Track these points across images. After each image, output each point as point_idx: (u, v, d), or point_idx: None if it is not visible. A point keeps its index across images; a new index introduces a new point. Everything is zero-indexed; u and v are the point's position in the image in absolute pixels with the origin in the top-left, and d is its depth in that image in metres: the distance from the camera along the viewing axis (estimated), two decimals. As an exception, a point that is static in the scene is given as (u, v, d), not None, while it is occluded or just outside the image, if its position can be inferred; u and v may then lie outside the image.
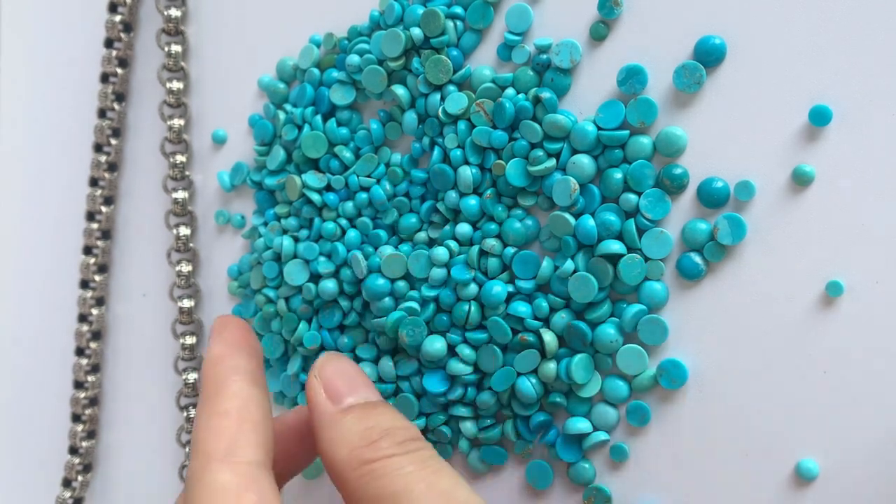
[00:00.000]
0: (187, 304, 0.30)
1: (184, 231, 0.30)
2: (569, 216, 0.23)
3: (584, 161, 0.23)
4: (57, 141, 0.32)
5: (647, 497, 0.24)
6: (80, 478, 0.32)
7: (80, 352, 0.31)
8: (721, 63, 0.22)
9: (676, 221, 0.23)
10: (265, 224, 0.28)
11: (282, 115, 0.27)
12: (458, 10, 0.24)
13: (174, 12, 0.29)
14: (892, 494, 0.21)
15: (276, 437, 0.21)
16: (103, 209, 0.31)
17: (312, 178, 0.26)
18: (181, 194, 0.30)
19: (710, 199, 0.22)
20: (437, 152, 0.25)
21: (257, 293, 0.28)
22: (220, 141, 0.30)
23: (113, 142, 0.31)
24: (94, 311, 0.31)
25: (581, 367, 0.23)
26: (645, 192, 0.23)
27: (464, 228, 0.24)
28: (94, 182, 0.31)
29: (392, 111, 0.26)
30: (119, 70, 0.30)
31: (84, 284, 0.31)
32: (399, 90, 0.25)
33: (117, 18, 0.30)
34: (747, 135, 0.22)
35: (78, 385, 0.31)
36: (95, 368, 0.31)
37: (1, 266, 0.33)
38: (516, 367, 0.24)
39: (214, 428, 0.20)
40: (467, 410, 0.25)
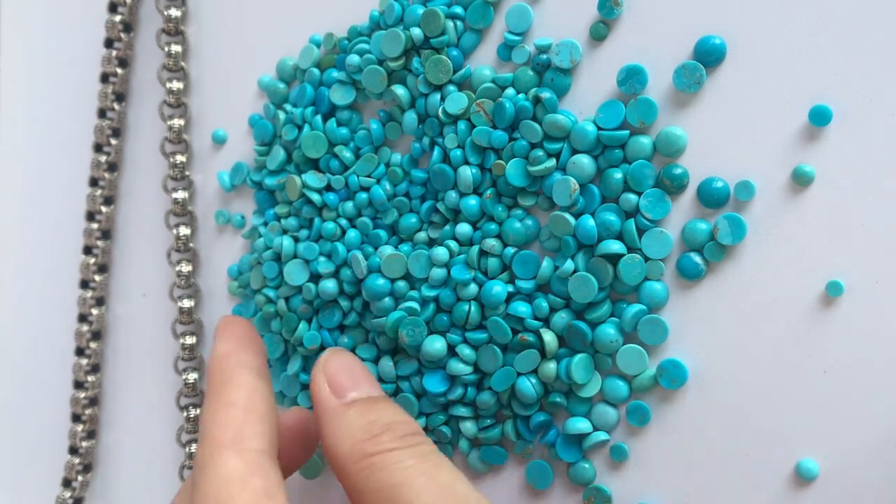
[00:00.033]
0: (187, 304, 0.30)
1: (184, 231, 0.30)
2: (569, 216, 0.23)
3: (584, 161, 0.23)
4: (57, 141, 0.32)
5: (647, 497, 0.24)
6: (80, 478, 0.32)
7: (80, 352, 0.31)
8: (721, 63, 0.22)
9: (676, 221, 0.23)
10: (265, 224, 0.28)
11: (282, 115, 0.27)
12: (458, 10, 0.24)
13: (174, 12, 0.29)
14: (892, 494, 0.21)
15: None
16: (103, 209, 0.31)
17: (312, 178, 0.26)
18: (181, 194, 0.30)
19: (710, 199, 0.22)
20: (437, 152, 0.25)
21: (257, 293, 0.28)
22: (220, 141, 0.30)
23: (113, 142, 0.31)
24: (94, 311, 0.31)
25: (581, 367, 0.23)
26: (645, 192, 0.23)
27: (464, 228, 0.24)
28: (94, 182, 0.31)
29: (392, 111, 0.26)
30: (119, 70, 0.30)
31: (84, 284, 0.31)
32: (399, 90, 0.25)
33: (117, 18, 0.30)
34: (747, 135, 0.22)
35: (78, 385, 0.31)
36: (95, 368, 0.31)
37: (1, 266, 0.33)
38: (516, 367, 0.24)
39: (222, 418, 0.21)
40: (467, 410, 0.25)
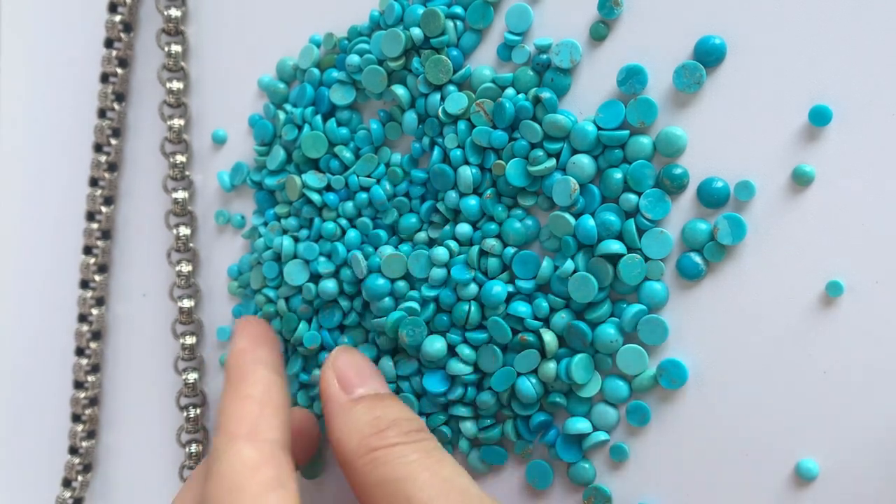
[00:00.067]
0: (187, 304, 0.30)
1: (184, 231, 0.30)
2: (569, 216, 0.23)
3: (584, 161, 0.23)
4: (57, 141, 0.32)
5: (647, 497, 0.24)
6: (80, 478, 0.32)
7: (80, 352, 0.31)
8: (721, 63, 0.22)
9: (676, 221, 0.23)
10: (265, 224, 0.28)
11: (282, 115, 0.27)
12: (458, 10, 0.24)
13: (174, 12, 0.29)
14: (892, 494, 0.21)
15: None
16: (103, 209, 0.31)
17: (312, 178, 0.26)
18: (181, 194, 0.30)
19: (710, 199, 0.22)
20: (437, 152, 0.25)
21: (257, 293, 0.28)
22: (220, 141, 0.30)
23: (113, 142, 0.31)
24: (94, 311, 0.31)
25: (581, 367, 0.23)
26: (645, 192, 0.23)
27: (464, 228, 0.24)
28: (94, 182, 0.31)
29: (392, 111, 0.26)
30: (119, 70, 0.30)
31: (84, 284, 0.31)
32: (399, 90, 0.25)
33: (117, 18, 0.30)
34: (747, 135, 0.22)
35: (78, 385, 0.31)
36: (95, 368, 0.31)
37: (1, 266, 0.33)
38: (516, 367, 0.24)
39: (238, 410, 0.22)
40: (467, 410, 0.25)
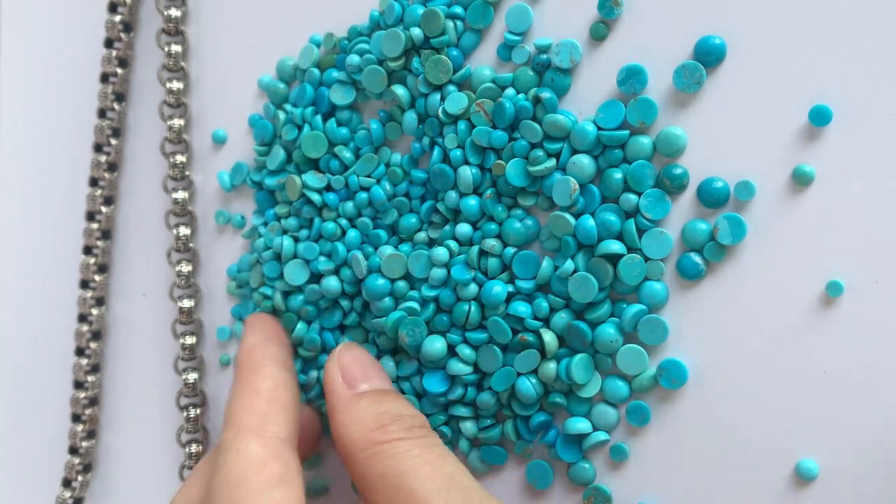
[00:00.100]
0: (187, 304, 0.30)
1: (184, 231, 0.30)
2: (569, 216, 0.23)
3: (584, 161, 0.23)
4: (57, 141, 0.32)
5: (647, 497, 0.24)
6: (80, 478, 0.32)
7: (80, 352, 0.31)
8: (721, 63, 0.22)
9: (676, 221, 0.23)
10: (265, 224, 0.28)
11: (282, 115, 0.27)
12: (458, 10, 0.24)
13: (174, 12, 0.29)
14: (892, 494, 0.21)
15: None
16: (103, 209, 0.31)
17: (312, 178, 0.26)
18: (181, 194, 0.30)
19: (710, 199, 0.22)
20: (437, 152, 0.25)
21: (255, 291, 0.28)
22: (220, 141, 0.30)
23: (113, 142, 0.31)
24: (94, 311, 0.31)
25: (581, 367, 0.23)
26: (645, 192, 0.23)
27: (464, 228, 0.24)
28: (94, 182, 0.31)
29: (392, 111, 0.26)
30: (119, 70, 0.30)
31: (84, 284, 0.31)
32: (399, 90, 0.25)
33: (117, 18, 0.30)
34: (747, 135, 0.22)
35: (78, 385, 0.31)
36: (95, 368, 0.31)
37: (1, 266, 0.33)
38: (516, 367, 0.24)
39: (247, 405, 0.22)
40: (467, 410, 0.25)
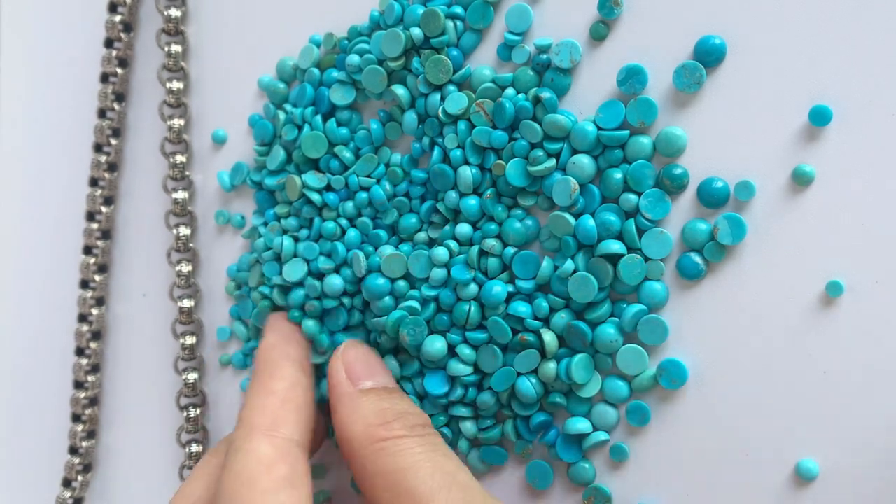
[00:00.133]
0: (187, 304, 0.30)
1: (184, 231, 0.30)
2: (569, 216, 0.23)
3: (584, 161, 0.23)
4: (57, 141, 0.32)
5: (647, 497, 0.24)
6: (80, 478, 0.32)
7: (80, 352, 0.31)
8: (721, 63, 0.22)
9: (676, 221, 0.23)
10: (265, 224, 0.28)
11: (282, 115, 0.27)
12: (458, 10, 0.24)
13: (174, 12, 0.29)
14: (892, 494, 0.21)
15: None
16: (103, 209, 0.31)
17: (312, 178, 0.26)
18: (181, 194, 0.30)
19: (710, 199, 0.22)
20: (437, 152, 0.25)
21: (253, 290, 0.28)
22: (220, 141, 0.30)
23: (113, 142, 0.31)
24: (94, 311, 0.31)
25: (581, 367, 0.23)
26: (645, 192, 0.23)
27: (464, 228, 0.24)
28: (94, 182, 0.31)
29: (392, 111, 0.26)
30: (119, 70, 0.30)
31: (84, 284, 0.31)
32: (399, 90, 0.25)
33: (117, 18, 0.30)
34: (747, 135, 0.22)
35: (78, 385, 0.31)
36: (95, 368, 0.31)
37: (1, 266, 0.33)
38: (516, 367, 0.24)
39: (261, 405, 0.22)
40: (467, 410, 0.25)
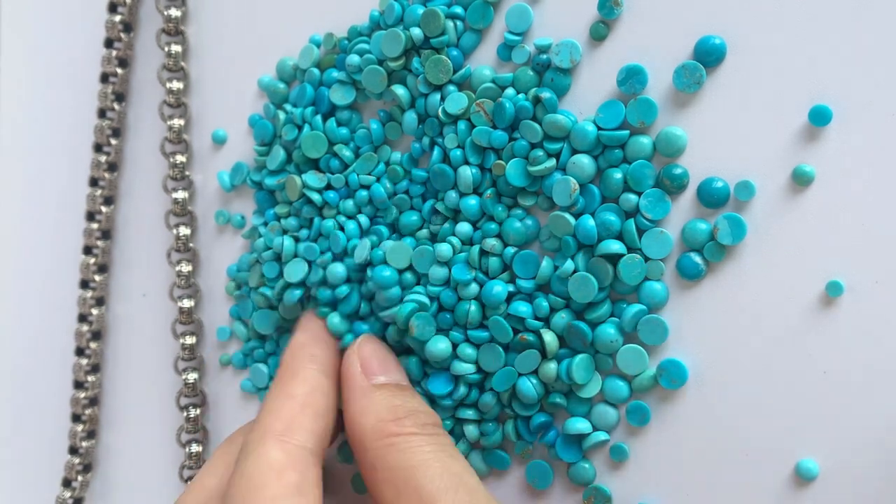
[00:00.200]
0: (187, 304, 0.30)
1: (184, 231, 0.30)
2: (569, 216, 0.23)
3: (584, 161, 0.23)
4: (57, 141, 0.32)
5: (647, 497, 0.24)
6: (80, 478, 0.32)
7: (80, 352, 0.31)
8: (721, 63, 0.22)
9: (676, 221, 0.23)
10: (265, 224, 0.28)
11: (282, 115, 0.27)
12: (458, 10, 0.24)
13: (174, 12, 0.29)
14: (892, 494, 0.21)
15: None
16: (103, 209, 0.31)
17: (312, 178, 0.26)
18: (181, 194, 0.30)
19: (710, 199, 0.22)
20: (437, 152, 0.25)
21: (253, 290, 0.28)
22: (220, 141, 0.30)
23: (113, 142, 0.31)
24: (94, 311, 0.31)
25: (581, 368, 0.23)
26: (645, 192, 0.23)
27: (464, 228, 0.24)
28: (94, 182, 0.31)
29: (392, 111, 0.26)
30: (119, 70, 0.30)
31: (84, 284, 0.31)
32: (399, 90, 0.25)
33: (117, 18, 0.30)
34: (747, 135, 0.22)
35: (78, 385, 0.31)
36: (95, 368, 0.31)
37: (1, 266, 0.33)
38: (517, 367, 0.24)
39: (279, 408, 0.22)
40: (473, 413, 0.25)
